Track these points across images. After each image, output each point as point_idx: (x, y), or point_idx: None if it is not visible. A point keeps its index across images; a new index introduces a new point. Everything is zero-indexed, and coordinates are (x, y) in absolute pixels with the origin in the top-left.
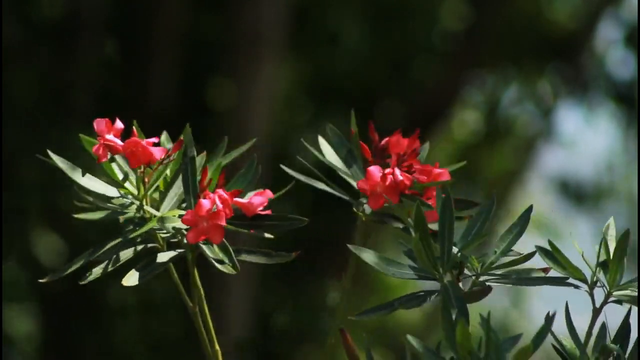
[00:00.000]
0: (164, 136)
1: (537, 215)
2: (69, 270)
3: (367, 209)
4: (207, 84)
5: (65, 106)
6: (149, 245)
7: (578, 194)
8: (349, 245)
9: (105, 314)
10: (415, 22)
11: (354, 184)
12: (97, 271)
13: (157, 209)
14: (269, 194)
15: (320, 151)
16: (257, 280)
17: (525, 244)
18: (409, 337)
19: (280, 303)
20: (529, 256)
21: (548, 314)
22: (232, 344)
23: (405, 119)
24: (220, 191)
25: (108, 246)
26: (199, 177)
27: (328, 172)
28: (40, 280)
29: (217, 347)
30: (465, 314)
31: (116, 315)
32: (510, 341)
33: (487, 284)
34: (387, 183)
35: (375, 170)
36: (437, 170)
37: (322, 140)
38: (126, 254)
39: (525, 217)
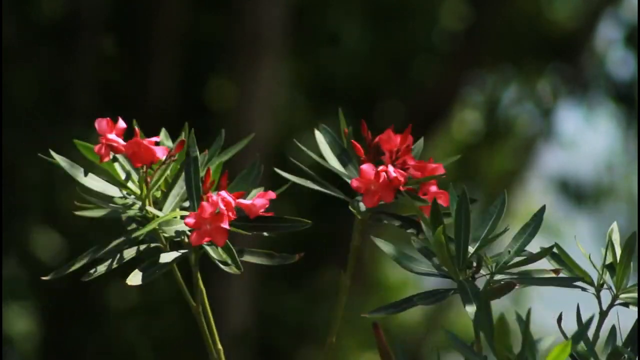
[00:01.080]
0: (163, 134)
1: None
2: (72, 269)
3: (362, 207)
4: (207, 84)
5: (65, 106)
6: (152, 245)
7: (578, 194)
8: (373, 238)
9: (106, 314)
10: (415, 22)
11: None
12: (100, 269)
13: (160, 208)
14: (271, 195)
15: (317, 151)
16: (257, 278)
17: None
18: (448, 334)
19: (281, 301)
20: (544, 253)
21: (560, 315)
22: (232, 339)
23: (405, 119)
24: (224, 193)
25: (111, 245)
26: (202, 177)
27: (326, 172)
28: (43, 278)
29: (220, 346)
30: (487, 311)
31: (116, 315)
32: (544, 341)
33: (503, 282)
34: (381, 180)
35: (368, 168)
36: (432, 165)
37: (320, 140)
38: (129, 253)
39: (539, 217)
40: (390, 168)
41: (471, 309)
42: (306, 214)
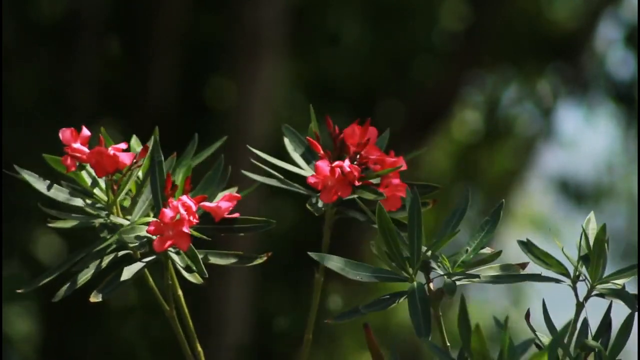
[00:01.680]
0: (134, 139)
1: (537, 215)
2: (43, 282)
3: (321, 203)
4: (207, 84)
5: (65, 106)
6: (123, 252)
7: (578, 194)
8: (310, 254)
9: (105, 314)
10: (415, 22)
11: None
12: (63, 290)
13: (130, 214)
14: (236, 196)
15: (285, 150)
16: (255, 281)
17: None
18: (427, 343)
19: (278, 303)
20: (498, 254)
21: (528, 311)
22: (230, 345)
23: (406, 119)
24: (184, 198)
25: (79, 257)
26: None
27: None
28: (18, 291)
29: (199, 348)
30: (427, 317)
31: (116, 315)
32: (523, 346)
33: (457, 283)
34: (336, 176)
35: (322, 164)
36: (391, 159)
37: (286, 141)
38: (100, 264)
39: (496, 214)
40: (346, 163)
41: (414, 315)
42: (304, 214)
